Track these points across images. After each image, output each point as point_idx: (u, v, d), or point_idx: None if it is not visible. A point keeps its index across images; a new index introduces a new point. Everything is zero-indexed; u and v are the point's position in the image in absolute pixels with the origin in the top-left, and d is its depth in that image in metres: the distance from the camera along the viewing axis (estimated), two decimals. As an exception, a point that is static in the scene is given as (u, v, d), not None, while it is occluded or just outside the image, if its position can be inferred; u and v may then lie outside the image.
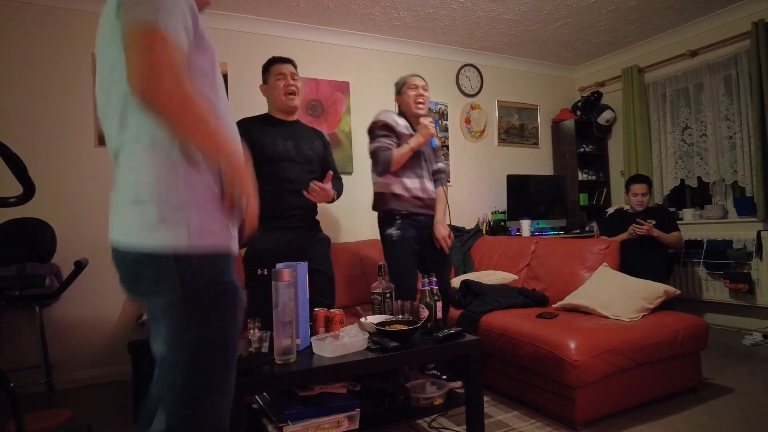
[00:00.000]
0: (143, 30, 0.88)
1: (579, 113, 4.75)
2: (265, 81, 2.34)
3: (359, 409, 1.66)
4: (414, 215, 2.43)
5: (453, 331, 1.83)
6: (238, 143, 1.07)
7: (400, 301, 2.00)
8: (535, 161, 4.81)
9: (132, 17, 0.89)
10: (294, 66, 2.32)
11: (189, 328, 0.95)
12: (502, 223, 4.28)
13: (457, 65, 4.40)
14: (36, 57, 2.96)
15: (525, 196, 4.40)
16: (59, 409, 2.50)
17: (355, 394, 1.75)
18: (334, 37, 3.83)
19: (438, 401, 1.85)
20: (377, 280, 2.11)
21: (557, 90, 4.97)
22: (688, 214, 4.05)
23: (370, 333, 1.80)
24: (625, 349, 2.10)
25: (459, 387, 2.26)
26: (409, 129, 2.48)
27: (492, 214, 4.40)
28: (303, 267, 1.71)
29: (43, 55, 2.98)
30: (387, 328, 1.78)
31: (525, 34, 4.07)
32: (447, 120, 4.33)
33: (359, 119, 3.89)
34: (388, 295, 2.07)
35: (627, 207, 3.64)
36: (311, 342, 1.70)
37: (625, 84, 4.41)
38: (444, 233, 2.48)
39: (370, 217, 2.84)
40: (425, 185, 2.47)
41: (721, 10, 3.74)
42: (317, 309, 1.89)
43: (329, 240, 2.47)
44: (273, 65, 2.31)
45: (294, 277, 1.56)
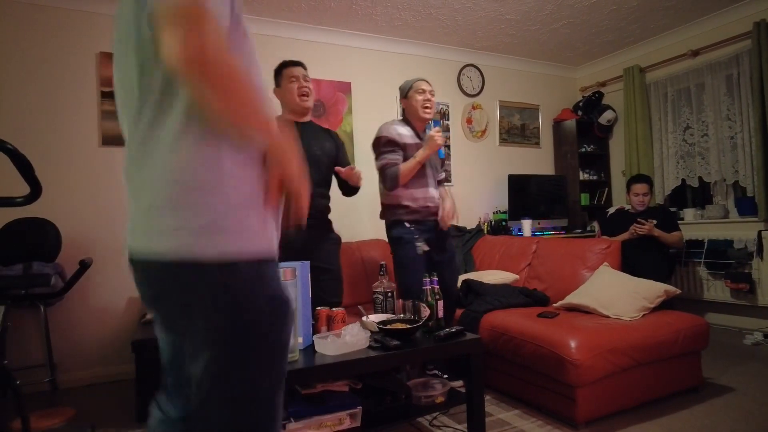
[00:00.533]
0: (184, 4, 0.77)
1: (580, 113, 4.75)
2: (278, 84, 2.36)
3: (361, 407, 1.68)
4: (421, 222, 2.45)
5: (454, 330, 1.84)
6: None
7: (401, 301, 2.01)
8: (537, 161, 4.81)
9: None
10: (304, 68, 2.35)
11: (242, 359, 0.82)
12: (503, 223, 4.29)
13: (459, 65, 4.41)
14: (41, 57, 2.98)
15: (526, 195, 4.40)
16: (63, 408, 2.52)
17: (357, 392, 1.77)
18: (335, 38, 3.85)
19: (439, 399, 1.86)
20: (378, 279, 2.13)
21: (558, 90, 4.98)
22: (689, 213, 4.05)
23: (371, 332, 1.82)
24: (626, 349, 2.11)
25: (460, 386, 2.27)
26: (414, 137, 2.47)
27: (493, 213, 4.41)
28: (305, 266, 1.72)
29: (48, 55, 3.00)
30: (388, 326, 1.80)
31: (526, 34, 4.08)
32: (448, 120, 4.34)
33: (361, 119, 3.90)
34: (389, 295, 2.08)
35: (628, 207, 3.64)
36: (313, 340, 1.72)
37: (627, 84, 4.41)
38: (448, 206, 2.48)
39: (370, 217, 2.85)
40: (431, 193, 2.48)
41: (723, 10, 3.74)
42: (319, 308, 1.91)
43: (339, 239, 2.49)
44: (284, 69, 2.33)
45: (296, 276, 1.57)
